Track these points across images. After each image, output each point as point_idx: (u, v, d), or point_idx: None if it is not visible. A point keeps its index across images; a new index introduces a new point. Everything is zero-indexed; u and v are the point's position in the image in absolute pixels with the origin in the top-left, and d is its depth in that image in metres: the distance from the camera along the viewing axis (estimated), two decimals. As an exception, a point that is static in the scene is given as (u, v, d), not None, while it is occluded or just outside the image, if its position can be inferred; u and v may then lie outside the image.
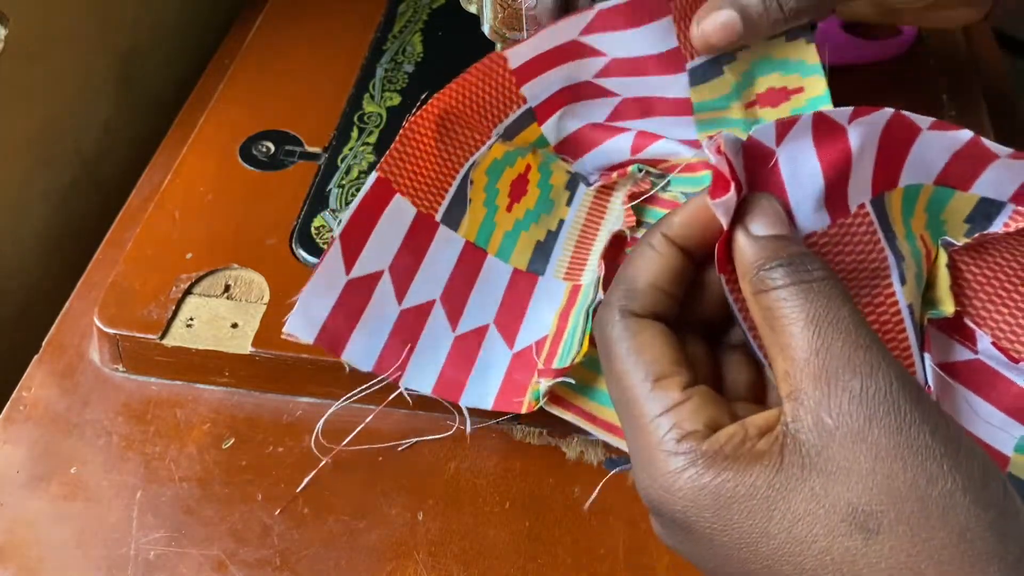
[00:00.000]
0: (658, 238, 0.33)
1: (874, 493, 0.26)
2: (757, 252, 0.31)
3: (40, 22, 0.56)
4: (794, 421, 0.28)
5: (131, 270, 0.51)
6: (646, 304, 0.33)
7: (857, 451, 0.27)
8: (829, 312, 0.29)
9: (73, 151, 0.61)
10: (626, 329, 0.32)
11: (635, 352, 0.31)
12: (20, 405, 0.48)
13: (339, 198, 0.54)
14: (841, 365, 0.28)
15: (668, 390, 0.30)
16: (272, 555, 0.43)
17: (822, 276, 0.30)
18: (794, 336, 0.29)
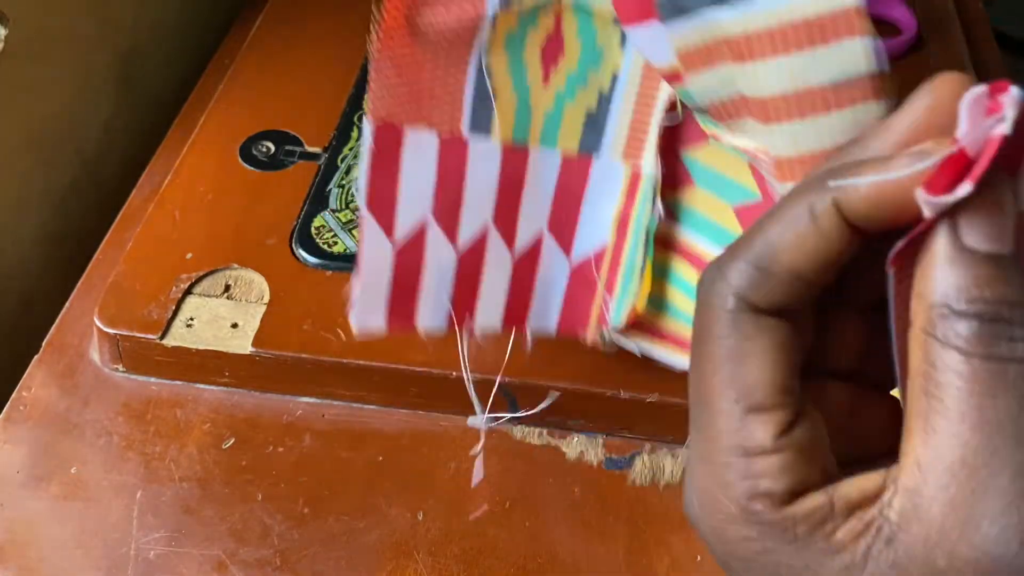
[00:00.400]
0: (827, 208, 0.22)
1: None
2: (956, 276, 0.21)
3: (40, 22, 0.56)
4: (902, 533, 0.21)
5: (131, 270, 0.51)
6: (777, 294, 0.23)
7: None
8: (1013, 421, 0.20)
9: (73, 151, 0.61)
10: (735, 327, 0.24)
11: (736, 362, 0.23)
12: (20, 405, 0.48)
13: (339, 198, 0.54)
14: (988, 508, 0.20)
15: (761, 428, 0.23)
16: (272, 555, 0.43)
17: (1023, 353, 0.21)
18: (950, 430, 0.21)
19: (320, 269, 0.51)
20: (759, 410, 0.23)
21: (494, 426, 0.47)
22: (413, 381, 0.47)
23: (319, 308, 0.49)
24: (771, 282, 0.23)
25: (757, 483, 0.23)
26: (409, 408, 0.48)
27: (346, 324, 0.48)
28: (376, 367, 0.47)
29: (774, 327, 0.24)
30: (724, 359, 0.24)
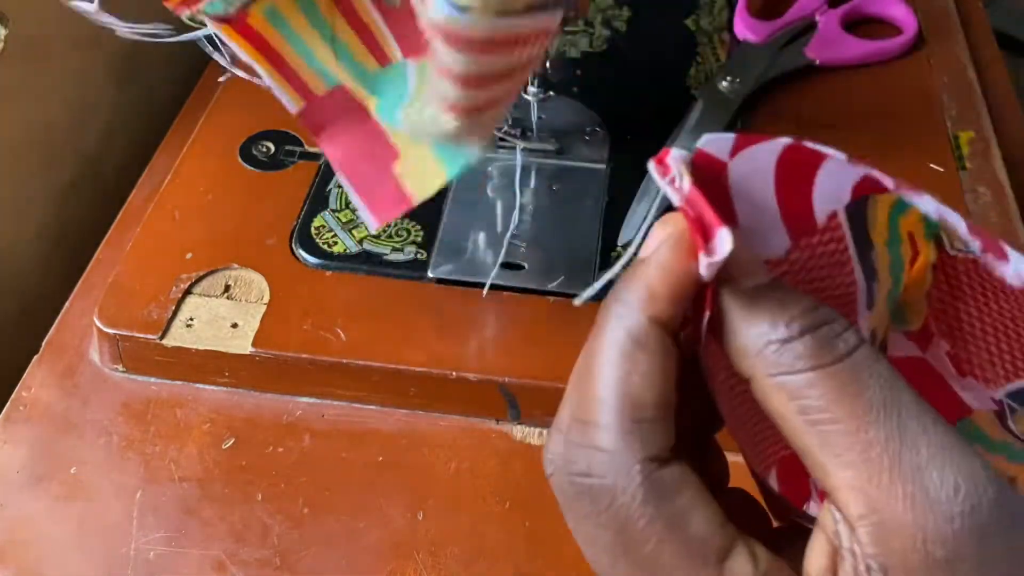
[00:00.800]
0: (649, 330, 0.23)
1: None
2: (761, 312, 0.22)
3: (41, 23, 0.56)
4: (885, 556, 0.21)
5: (131, 270, 0.51)
6: (667, 438, 0.23)
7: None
8: (890, 397, 0.22)
9: (73, 151, 0.61)
10: (660, 496, 0.22)
11: (678, 529, 0.22)
12: (20, 405, 0.48)
13: (339, 198, 0.54)
14: (935, 475, 0.21)
15: (741, 570, 0.22)
16: (272, 555, 0.43)
17: (856, 342, 0.22)
18: (855, 438, 0.21)
19: (320, 269, 0.51)
20: (726, 554, 0.23)
21: (494, 425, 0.47)
22: (413, 381, 0.47)
23: (319, 308, 0.49)
24: (659, 429, 0.23)
25: None
26: (409, 408, 0.48)
27: (346, 324, 0.48)
28: (376, 367, 0.47)
29: (684, 470, 0.23)
30: (665, 536, 0.22)
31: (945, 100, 0.60)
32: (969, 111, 0.60)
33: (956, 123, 0.59)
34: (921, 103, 0.60)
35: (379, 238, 0.52)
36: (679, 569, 0.22)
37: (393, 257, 0.51)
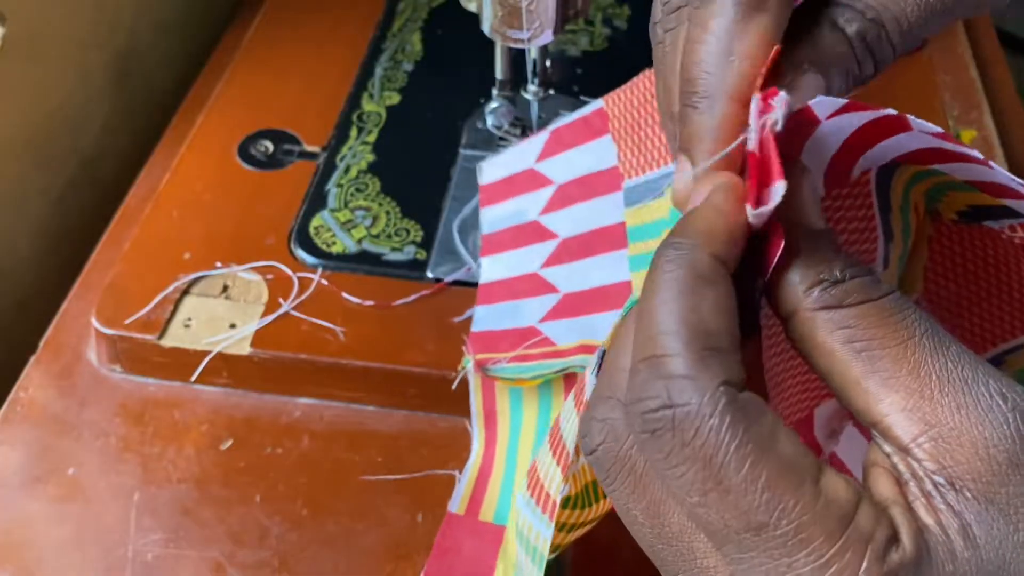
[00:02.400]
0: (714, 264, 0.23)
1: None
2: (820, 254, 0.23)
3: (39, 21, 0.56)
4: (949, 468, 0.21)
5: (129, 270, 0.51)
6: (740, 370, 0.23)
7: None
8: (931, 328, 0.23)
9: (71, 150, 0.61)
10: (747, 419, 0.22)
11: (770, 451, 0.21)
12: (17, 406, 0.48)
13: (338, 197, 0.54)
14: (982, 388, 0.22)
15: (838, 490, 0.22)
16: (270, 557, 0.42)
17: (895, 289, 0.23)
18: (905, 361, 0.22)
19: (319, 269, 0.51)
20: (822, 474, 0.22)
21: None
22: (412, 382, 0.47)
23: (318, 308, 0.49)
24: (733, 358, 0.23)
25: (877, 545, 0.21)
26: (408, 409, 0.48)
27: (345, 324, 0.48)
28: (375, 367, 0.47)
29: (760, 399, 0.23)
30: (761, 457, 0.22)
31: (947, 99, 0.60)
32: (971, 110, 0.60)
33: (958, 122, 0.59)
34: (923, 102, 0.60)
35: (378, 238, 0.52)
36: (778, 490, 0.21)
37: (392, 257, 0.51)
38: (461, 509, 0.42)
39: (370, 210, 0.53)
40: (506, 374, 0.44)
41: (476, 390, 0.45)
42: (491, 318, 0.46)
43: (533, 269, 0.47)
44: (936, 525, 0.21)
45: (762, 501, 0.21)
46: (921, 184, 0.32)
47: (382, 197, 0.54)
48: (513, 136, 0.56)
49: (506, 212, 0.49)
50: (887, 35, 0.26)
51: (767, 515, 0.21)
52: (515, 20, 0.47)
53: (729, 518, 0.21)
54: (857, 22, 0.26)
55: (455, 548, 0.41)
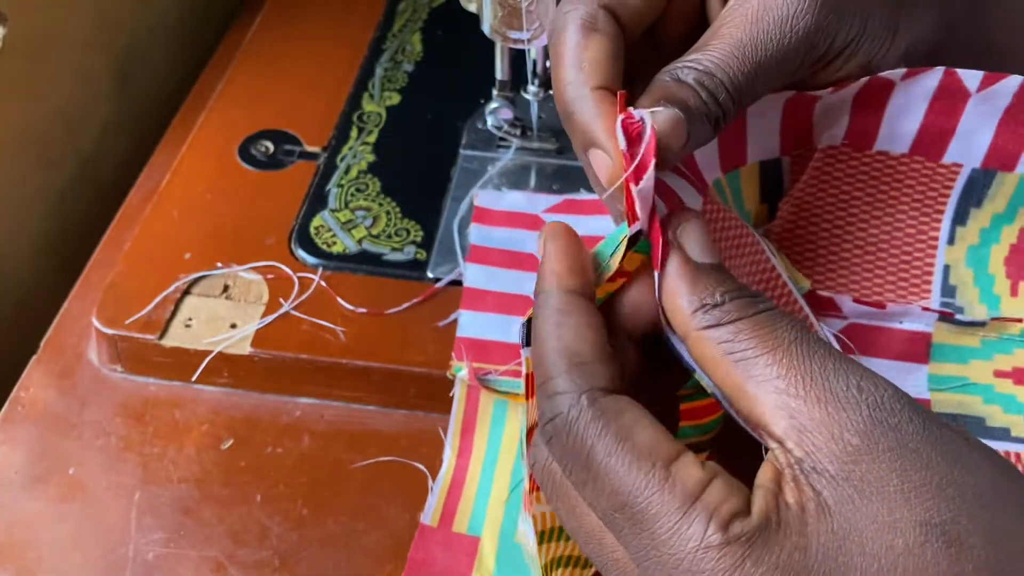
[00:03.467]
0: (564, 297, 0.29)
1: (937, 502, 0.24)
2: (702, 283, 0.28)
3: (39, 22, 0.56)
4: (811, 454, 0.25)
5: (130, 270, 0.51)
6: (606, 375, 0.27)
7: (903, 464, 0.24)
8: (800, 336, 0.26)
9: (72, 150, 0.61)
10: (604, 415, 0.26)
11: (625, 440, 0.26)
12: (18, 406, 0.48)
13: (338, 197, 0.54)
14: (841, 383, 0.25)
15: (688, 471, 0.25)
16: (271, 556, 0.42)
17: (771, 306, 0.27)
18: (775, 365, 0.26)
19: (319, 269, 0.51)
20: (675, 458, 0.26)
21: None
22: (413, 382, 0.47)
23: (318, 308, 0.49)
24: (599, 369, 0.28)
25: (720, 512, 0.25)
26: (408, 409, 0.48)
27: (346, 324, 0.48)
28: (376, 367, 0.47)
29: (628, 399, 0.27)
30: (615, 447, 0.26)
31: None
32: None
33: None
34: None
35: (378, 238, 0.52)
36: (631, 473, 0.25)
37: (392, 257, 0.51)
38: (434, 521, 0.42)
39: (370, 210, 0.54)
40: (501, 386, 0.44)
41: (460, 399, 0.45)
42: (480, 326, 0.47)
43: (526, 292, 0.48)
44: (796, 504, 0.25)
45: (621, 483, 0.25)
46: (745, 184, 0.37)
47: (382, 197, 0.54)
48: (513, 136, 0.56)
49: (501, 235, 0.51)
50: (722, 84, 0.31)
51: (626, 495, 0.25)
52: (515, 21, 0.47)
53: (604, 502, 0.26)
54: (693, 73, 0.31)
55: (429, 560, 0.41)
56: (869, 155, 0.36)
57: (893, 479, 0.24)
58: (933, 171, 0.36)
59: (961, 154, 0.36)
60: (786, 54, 0.32)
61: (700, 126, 0.31)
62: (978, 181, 0.36)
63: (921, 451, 0.25)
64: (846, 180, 0.37)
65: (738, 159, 0.36)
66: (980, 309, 0.38)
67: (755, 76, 0.32)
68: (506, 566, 0.41)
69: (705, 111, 0.31)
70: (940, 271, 0.38)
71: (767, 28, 0.31)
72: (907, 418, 0.25)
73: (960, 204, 0.36)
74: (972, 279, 0.38)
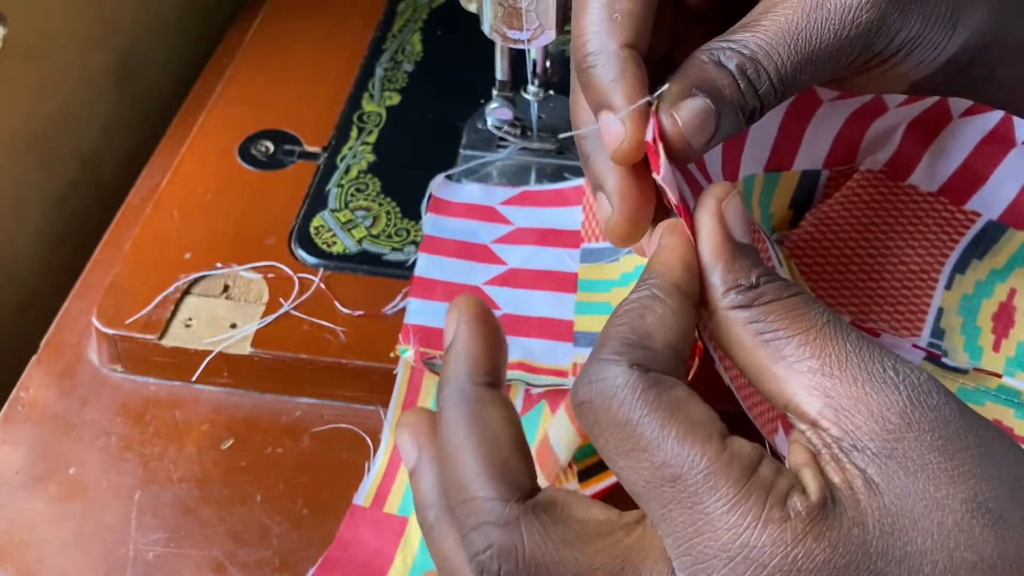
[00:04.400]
0: (671, 290, 0.27)
1: (979, 482, 0.24)
2: (740, 262, 0.27)
3: (39, 22, 0.56)
4: (850, 433, 0.24)
5: (130, 270, 0.51)
6: (667, 368, 0.26)
7: (944, 443, 0.24)
8: (832, 319, 0.26)
9: (72, 151, 0.61)
10: (658, 385, 0.25)
11: (680, 411, 0.25)
12: (18, 405, 0.48)
13: (338, 198, 0.54)
14: (877, 364, 0.25)
15: (743, 446, 0.25)
16: (271, 556, 0.42)
17: (804, 290, 0.27)
18: (808, 346, 0.25)
19: (319, 269, 0.51)
20: (727, 434, 0.25)
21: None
22: (413, 381, 0.47)
23: (319, 308, 0.49)
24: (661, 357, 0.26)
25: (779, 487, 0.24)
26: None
27: (346, 324, 0.48)
28: (376, 367, 0.47)
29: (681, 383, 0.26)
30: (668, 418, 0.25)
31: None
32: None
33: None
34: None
35: (378, 238, 0.52)
36: (687, 444, 0.24)
37: (393, 257, 0.51)
38: (367, 501, 0.43)
39: (370, 210, 0.54)
40: None
41: (403, 381, 0.45)
42: (427, 313, 0.47)
43: (476, 283, 0.49)
44: (843, 482, 0.24)
45: (674, 455, 0.24)
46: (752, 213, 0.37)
47: (382, 197, 0.54)
48: (513, 136, 0.56)
49: (456, 226, 0.51)
50: (766, 73, 0.29)
51: (679, 467, 0.24)
52: (515, 21, 0.47)
53: (651, 474, 0.25)
54: (736, 58, 0.28)
55: (356, 540, 0.42)
56: (900, 187, 0.37)
57: (936, 457, 0.24)
58: (952, 215, 0.36)
59: (983, 204, 0.36)
60: (842, 47, 0.29)
61: (732, 119, 0.29)
62: (988, 233, 0.36)
63: (960, 433, 0.24)
64: (872, 205, 0.37)
65: (785, 162, 0.36)
66: (963, 356, 0.38)
67: (804, 68, 0.29)
68: None
69: (741, 103, 0.28)
70: (934, 312, 0.38)
71: (827, 16, 0.28)
72: (943, 401, 0.25)
73: (965, 252, 0.37)
74: (960, 326, 0.38)
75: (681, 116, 0.28)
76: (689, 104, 0.28)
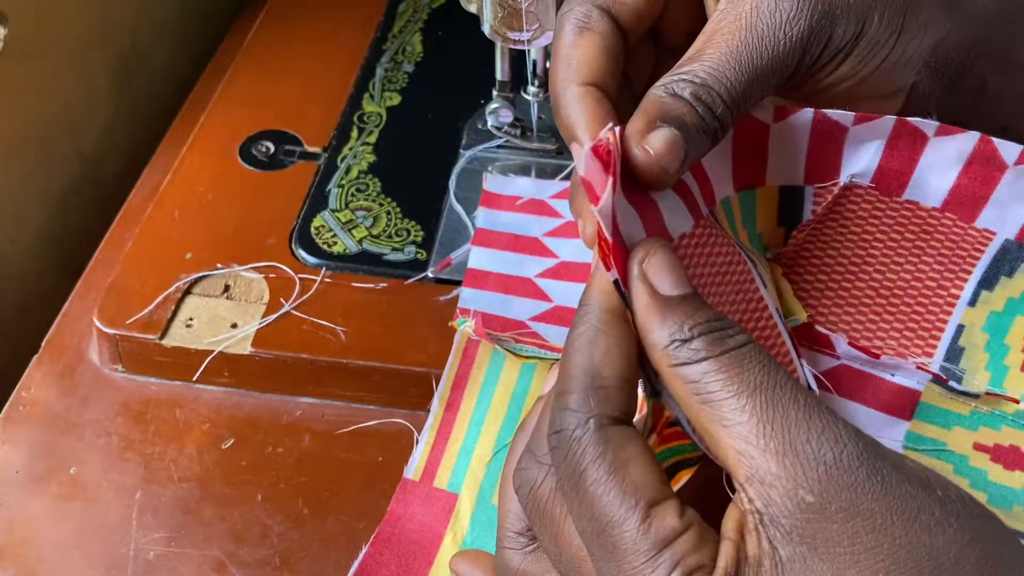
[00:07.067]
0: (605, 315, 0.28)
1: (887, 565, 0.24)
2: (671, 318, 0.27)
3: (40, 22, 0.56)
4: (768, 507, 0.25)
5: (131, 270, 0.51)
6: (621, 404, 0.28)
7: (855, 526, 0.24)
8: (768, 379, 0.26)
9: (73, 151, 0.61)
10: (606, 443, 0.27)
11: (618, 472, 0.26)
12: (20, 405, 0.48)
13: (339, 198, 0.54)
14: (802, 435, 0.25)
15: (664, 519, 0.26)
16: (272, 555, 0.43)
17: (744, 341, 0.27)
18: (739, 411, 0.26)
19: (320, 269, 0.51)
20: (657, 501, 0.26)
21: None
22: (413, 381, 0.47)
23: (319, 308, 0.49)
24: (614, 395, 0.28)
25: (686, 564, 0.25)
26: (409, 408, 0.48)
27: (346, 324, 0.48)
28: (376, 367, 0.47)
29: (634, 431, 0.28)
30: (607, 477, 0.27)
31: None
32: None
33: (956, 123, 0.59)
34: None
35: (379, 238, 0.52)
36: (614, 504, 0.26)
37: (393, 257, 0.51)
38: (416, 475, 0.43)
39: (371, 210, 0.54)
40: (507, 346, 0.45)
41: (457, 352, 0.45)
42: (480, 301, 0.48)
43: (527, 275, 0.48)
44: (755, 557, 0.25)
45: (604, 511, 0.26)
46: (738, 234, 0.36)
47: (383, 197, 0.54)
48: (513, 137, 0.56)
49: (507, 219, 0.51)
50: (719, 96, 0.31)
51: (605, 523, 0.26)
52: (515, 21, 0.47)
53: (584, 522, 0.27)
54: (689, 87, 0.31)
55: (407, 515, 0.42)
56: (898, 202, 0.36)
57: (844, 540, 0.24)
58: (964, 231, 0.35)
59: (995, 222, 0.35)
60: (782, 59, 0.31)
61: (698, 142, 0.30)
62: (1012, 252, 0.35)
63: (876, 512, 0.24)
64: (870, 220, 0.36)
65: (756, 178, 0.36)
66: (983, 376, 0.36)
67: (752, 84, 0.31)
68: (480, 528, 0.42)
69: (703, 126, 0.30)
70: (951, 331, 0.37)
71: (761, 34, 0.31)
72: (865, 476, 0.25)
73: (990, 269, 0.36)
74: (985, 343, 0.37)
75: (652, 147, 0.29)
76: (657, 135, 0.29)
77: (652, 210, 0.31)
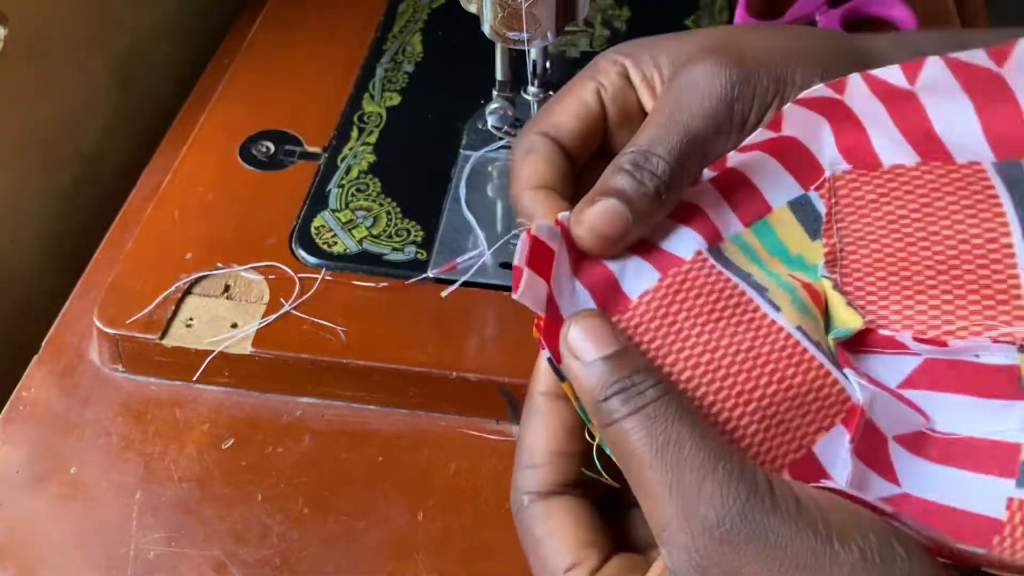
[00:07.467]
0: (539, 398, 0.32)
1: None
2: (592, 380, 0.29)
3: (40, 22, 0.56)
4: (675, 565, 0.27)
5: (131, 270, 0.51)
6: (551, 478, 0.32)
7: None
8: (670, 438, 0.28)
9: (73, 151, 0.61)
10: (534, 517, 0.32)
11: (545, 540, 0.31)
12: (20, 405, 0.48)
13: (339, 198, 0.54)
14: (694, 498, 0.27)
15: None
16: (272, 555, 0.43)
17: (655, 395, 0.28)
18: (648, 471, 0.28)
19: (320, 269, 0.51)
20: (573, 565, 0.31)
21: (494, 424, 0.47)
22: (413, 381, 0.47)
23: (319, 308, 0.49)
24: (543, 471, 0.32)
25: None
26: (409, 408, 0.48)
27: (346, 324, 0.48)
28: (376, 367, 0.47)
29: (565, 500, 0.32)
30: (538, 544, 0.32)
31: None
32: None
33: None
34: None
35: (379, 238, 0.52)
36: (536, 569, 0.32)
37: (393, 257, 0.51)
38: None
39: (371, 210, 0.54)
40: None
41: None
42: None
43: None
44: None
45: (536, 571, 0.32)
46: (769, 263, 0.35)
47: (383, 197, 0.54)
48: (513, 136, 0.56)
49: None
50: (657, 155, 0.33)
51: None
52: (515, 22, 0.47)
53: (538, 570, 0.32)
54: (629, 156, 0.33)
55: None
56: (886, 172, 0.34)
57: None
58: (959, 172, 0.33)
59: (967, 152, 0.32)
60: (711, 116, 0.34)
61: (641, 202, 0.33)
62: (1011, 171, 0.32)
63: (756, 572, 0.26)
64: (880, 201, 0.34)
65: (759, 208, 0.35)
66: None
67: (690, 143, 0.34)
68: None
69: (641, 188, 0.33)
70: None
71: (689, 104, 0.34)
72: (745, 537, 0.26)
73: (1019, 204, 0.32)
74: None
75: (586, 220, 0.32)
76: (592, 209, 0.32)
77: (604, 278, 0.32)
